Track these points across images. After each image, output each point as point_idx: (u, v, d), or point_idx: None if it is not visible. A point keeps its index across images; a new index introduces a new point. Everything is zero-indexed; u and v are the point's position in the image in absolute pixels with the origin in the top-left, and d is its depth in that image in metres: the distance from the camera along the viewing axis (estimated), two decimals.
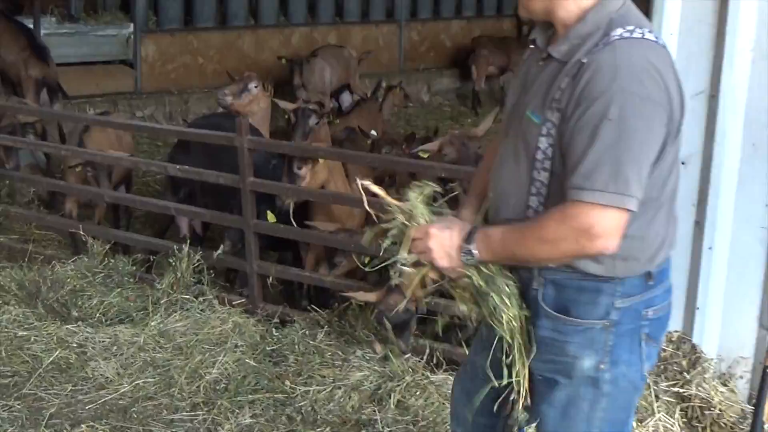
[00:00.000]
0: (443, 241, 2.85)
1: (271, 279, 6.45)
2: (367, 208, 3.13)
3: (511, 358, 2.91)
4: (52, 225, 7.93)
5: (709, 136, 4.81)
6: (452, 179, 5.50)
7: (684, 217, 4.32)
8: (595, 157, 2.60)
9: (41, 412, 5.23)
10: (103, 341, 5.90)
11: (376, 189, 3.05)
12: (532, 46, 2.97)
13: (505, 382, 2.94)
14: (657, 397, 4.89)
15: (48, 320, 6.20)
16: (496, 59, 14.83)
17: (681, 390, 4.93)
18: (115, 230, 7.35)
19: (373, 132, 8.57)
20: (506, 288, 2.87)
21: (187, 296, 6.31)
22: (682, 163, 3.99)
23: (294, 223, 6.21)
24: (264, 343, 5.86)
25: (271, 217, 6.37)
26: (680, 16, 4.82)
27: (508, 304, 2.86)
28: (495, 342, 2.93)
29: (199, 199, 7.10)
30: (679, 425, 4.79)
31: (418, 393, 5.23)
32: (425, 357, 5.63)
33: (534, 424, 3.04)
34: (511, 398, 3.00)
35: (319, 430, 5.01)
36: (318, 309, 6.14)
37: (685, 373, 4.98)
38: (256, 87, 7.97)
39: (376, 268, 3.24)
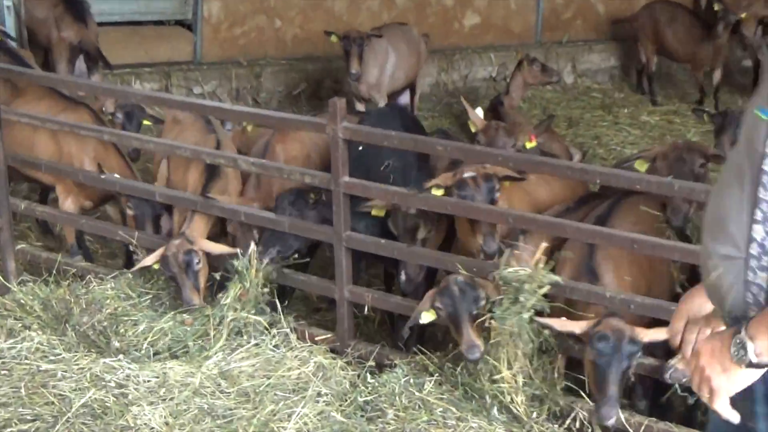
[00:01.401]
0: (713, 349, 2.85)
1: (366, 309, 6.52)
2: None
3: None
4: (98, 232, 7.95)
5: None
6: None
7: None
8: None
9: None
10: (149, 381, 6.00)
11: None
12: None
13: None
14: None
15: (80, 351, 6.31)
16: (673, 39, 14.00)
17: None
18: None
19: None
20: None
21: (256, 317, 6.44)
22: None
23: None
24: (355, 393, 5.91)
25: None
26: None
27: None
28: None
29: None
30: None
31: None
32: (568, 420, 5.69)
33: None
34: None
35: None
36: (426, 350, 6.14)
37: None
38: None
39: None
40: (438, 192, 6.24)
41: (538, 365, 5.63)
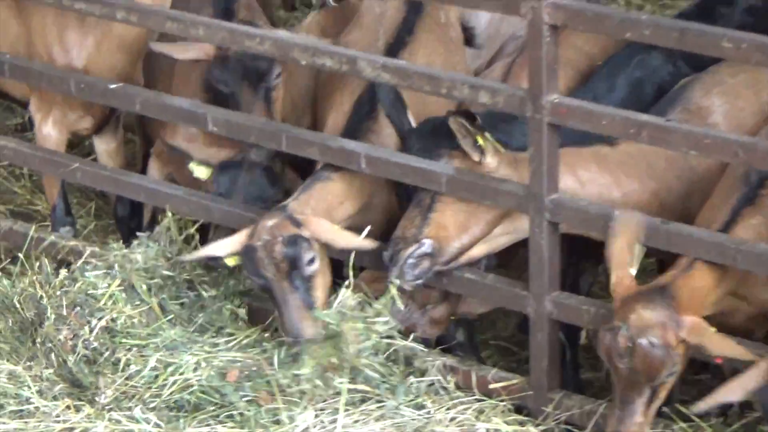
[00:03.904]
0: None
1: (583, 337, 6.42)
2: None
3: None
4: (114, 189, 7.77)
5: None
6: None
7: None
8: None
9: None
10: None
11: None
12: None
13: None
14: None
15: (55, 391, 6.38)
16: None
17: None
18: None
19: None
20: None
21: (373, 360, 6.25)
22: None
23: None
24: None
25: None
26: None
27: None
28: None
29: None
30: None
31: None
32: None
33: None
34: None
35: None
36: (689, 414, 5.87)
37: None
38: None
39: None
40: None
41: None
